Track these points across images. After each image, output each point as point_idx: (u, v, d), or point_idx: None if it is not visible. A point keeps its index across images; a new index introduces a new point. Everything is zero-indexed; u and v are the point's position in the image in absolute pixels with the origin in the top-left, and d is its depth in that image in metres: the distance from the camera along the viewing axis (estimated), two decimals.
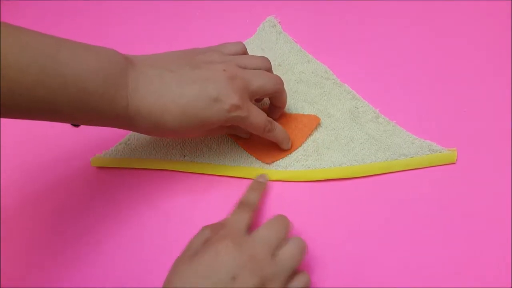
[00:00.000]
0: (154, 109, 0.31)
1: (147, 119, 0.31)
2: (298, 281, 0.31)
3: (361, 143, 0.39)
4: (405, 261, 0.35)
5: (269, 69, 0.37)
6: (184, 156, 0.41)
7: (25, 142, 0.43)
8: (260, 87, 0.34)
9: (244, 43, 0.44)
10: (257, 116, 0.34)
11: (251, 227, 0.33)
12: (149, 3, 0.49)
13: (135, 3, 0.49)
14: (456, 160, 0.38)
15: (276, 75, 0.36)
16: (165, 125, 0.31)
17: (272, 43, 0.44)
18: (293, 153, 0.40)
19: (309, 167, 0.39)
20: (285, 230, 0.32)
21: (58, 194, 0.41)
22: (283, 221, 0.33)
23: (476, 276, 0.34)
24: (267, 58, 0.37)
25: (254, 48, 0.44)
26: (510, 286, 0.34)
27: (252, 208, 0.34)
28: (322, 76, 0.42)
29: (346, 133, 0.40)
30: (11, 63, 0.25)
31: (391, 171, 0.38)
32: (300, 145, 0.40)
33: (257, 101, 0.40)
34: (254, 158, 0.40)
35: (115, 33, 0.48)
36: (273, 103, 0.38)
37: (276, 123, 0.37)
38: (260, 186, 0.37)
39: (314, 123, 0.40)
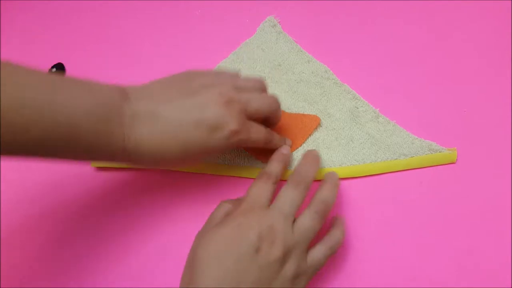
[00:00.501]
0: (152, 146, 0.30)
1: (147, 155, 0.30)
2: (320, 247, 0.32)
3: (361, 143, 0.39)
4: (405, 261, 0.35)
5: (264, 90, 0.36)
6: None
7: None
8: (257, 110, 0.34)
9: (244, 43, 0.45)
10: (257, 133, 0.34)
11: (272, 199, 0.32)
12: (149, 3, 0.49)
13: (135, 3, 0.49)
14: (456, 160, 0.38)
15: (271, 96, 0.36)
16: (165, 160, 0.31)
17: (272, 43, 0.44)
18: (293, 153, 0.40)
19: None
20: (303, 192, 0.32)
21: (58, 195, 0.41)
22: (304, 181, 0.32)
23: (476, 276, 0.34)
24: (262, 79, 0.36)
25: (254, 48, 0.44)
26: (510, 286, 0.34)
27: (274, 180, 0.33)
28: (322, 76, 0.42)
29: (346, 133, 0.40)
30: (6, 104, 0.25)
31: (391, 171, 0.38)
32: (300, 145, 0.40)
33: None
34: (254, 158, 0.40)
35: (115, 33, 0.48)
36: (267, 120, 0.37)
37: (273, 133, 0.37)
38: (284, 158, 0.36)
39: (314, 123, 0.40)
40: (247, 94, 0.34)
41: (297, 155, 0.40)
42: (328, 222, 0.35)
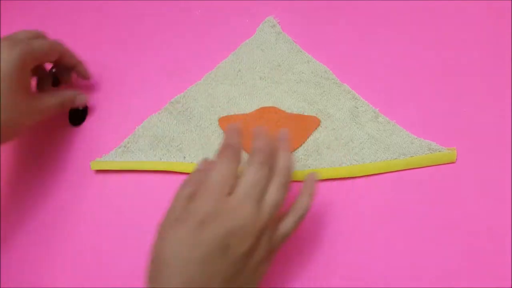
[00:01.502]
0: None
1: None
2: (290, 218, 0.31)
3: (361, 142, 0.39)
4: (405, 261, 0.35)
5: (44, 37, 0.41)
6: (184, 157, 0.41)
7: (25, 146, 0.43)
8: (40, 47, 0.38)
9: (243, 43, 0.45)
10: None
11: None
12: (149, 3, 0.49)
13: (135, 3, 0.49)
14: (456, 159, 0.38)
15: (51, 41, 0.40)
16: None
17: (271, 43, 0.44)
18: (293, 153, 0.40)
19: (309, 167, 0.39)
20: (264, 170, 0.30)
21: (58, 198, 0.41)
22: (258, 161, 0.30)
23: (476, 276, 0.34)
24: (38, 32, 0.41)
25: (253, 48, 0.44)
26: (510, 286, 0.34)
27: (239, 157, 0.31)
28: (322, 76, 0.42)
29: (346, 132, 0.40)
30: None
31: (391, 170, 0.38)
32: (300, 145, 0.40)
33: None
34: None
35: (115, 33, 0.48)
36: (61, 62, 0.42)
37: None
38: (239, 131, 0.33)
39: (314, 124, 0.40)
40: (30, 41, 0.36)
41: (297, 155, 0.40)
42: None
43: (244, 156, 0.40)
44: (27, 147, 0.43)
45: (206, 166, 0.32)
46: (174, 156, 0.41)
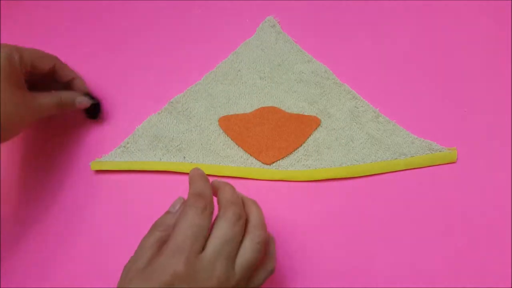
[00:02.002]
0: None
1: None
2: (260, 274, 0.30)
3: (361, 142, 0.39)
4: (405, 260, 0.35)
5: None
6: (184, 157, 0.41)
7: (25, 147, 0.43)
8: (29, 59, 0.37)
9: (243, 43, 0.45)
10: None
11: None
12: (149, 3, 0.49)
13: (135, 3, 0.49)
14: (456, 159, 0.38)
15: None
16: None
17: (271, 43, 0.44)
18: (294, 153, 0.40)
19: (309, 167, 0.39)
20: (238, 227, 0.28)
21: (58, 198, 0.41)
22: (232, 217, 0.28)
23: (476, 276, 0.34)
24: None
25: (253, 48, 0.44)
26: (510, 286, 0.34)
27: (211, 211, 0.28)
28: (322, 76, 0.42)
29: (346, 132, 0.40)
30: None
31: (391, 170, 0.39)
32: (301, 145, 0.40)
33: None
34: (254, 159, 0.40)
35: (115, 33, 0.48)
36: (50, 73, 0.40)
37: (60, 93, 0.39)
38: (206, 177, 0.31)
39: (314, 123, 0.40)
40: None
41: (298, 155, 0.40)
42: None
43: (242, 156, 0.40)
44: (27, 147, 0.43)
45: (176, 210, 0.31)
46: (174, 156, 0.41)
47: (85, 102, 0.41)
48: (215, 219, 0.28)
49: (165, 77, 0.44)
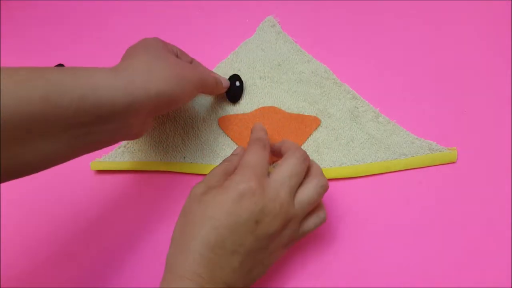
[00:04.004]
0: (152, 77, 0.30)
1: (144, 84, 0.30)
2: (313, 219, 0.32)
3: (361, 142, 0.39)
4: (405, 260, 0.35)
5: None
6: (184, 157, 0.41)
7: None
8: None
9: (243, 43, 0.45)
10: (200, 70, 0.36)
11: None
12: (149, 3, 0.49)
13: (135, 3, 0.49)
14: (456, 159, 0.38)
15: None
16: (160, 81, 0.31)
17: (271, 43, 0.44)
18: None
19: None
20: (303, 166, 0.32)
21: (58, 199, 0.41)
22: (301, 156, 0.32)
23: (476, 276, 0.34)
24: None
25: (253, 48, 0.44)
26: (510, 286, 0.34)
27: (267, 146, 0.33)
28: (322, 76, 0.42)
29: (346, 133, 0.40)
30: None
31: (391, 170, 0.39)
32: (300, 145, 0.40)
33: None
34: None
35: (115, 33, 0.48)
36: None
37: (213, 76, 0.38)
38: (264, 127, 0.37)
39: (314, 123, 0.40)
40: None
41: None
42: None
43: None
44: None
45: (239, 152, 0.36)
46: (174, 156, 0.41)
47: (226, 84, 0.41)
48: (283, 158, 0.32)
49: None
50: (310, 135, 0.40)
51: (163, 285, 0.28)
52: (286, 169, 0.31)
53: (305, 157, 0.32)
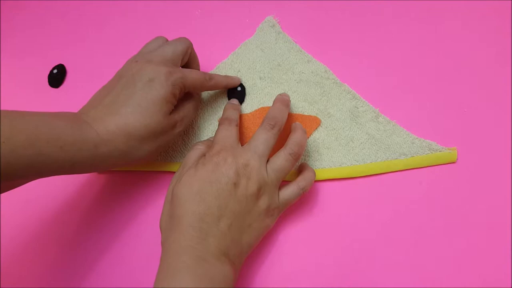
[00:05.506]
0: (121, 123, 0.33)
1: (119, 133, 0.32)
2: (291, 188, 0.35)
3: (361, 143, 0.39)
4: (405, 261, 0.35)
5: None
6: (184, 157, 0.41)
7: None
8: (173, 51, 0.37)
9: (243, 43, 0.45)
10: (192, 72, 0.37)
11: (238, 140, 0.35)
12: (149, 3, 0.49)
13: (135, 3, 0.49)
14: (456, 159, 0.38)
15: (181, 38, 0.39)
16: (136, 127, 0.33)
17: (271, 43, 0.44)
18: None
19: None
20: (270, 134, 0.34)
21: (59, 198, 0.41)
22: (267, 125, 0.35)
23: (476, 276, 0.34)
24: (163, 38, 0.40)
25: (253, 48, 0.44)
26: (510, 286, 0.34)
27: (235, 123, 0.36)
28: (322, 76, 0.42)
29: (346, 133, 0.40)
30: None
31: (391, 170, 0.38)
32: None
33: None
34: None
35: (115, 33, 0.48)
36: (190, 62, 0.40)
37: (213, 74, 0.39)
38: (236, 106, 0.39)
39: (314, 123, 0.40)
40: (159, 49, 0.37)
41: None
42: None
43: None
44: None
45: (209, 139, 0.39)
46: (174, 156, 0.41)
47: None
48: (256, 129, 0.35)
49: None
50: (310, 135, 0.40)
51: (162, 265, 0.29)
52: (254, 138, 0.34)
53: (272, 125, 0.34)
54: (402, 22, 0.44)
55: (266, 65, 0.43)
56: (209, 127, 0.41)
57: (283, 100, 0.37)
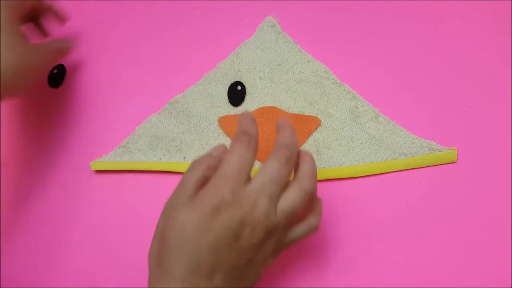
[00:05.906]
0: None
1: None
2: (302, 227, 0.30)
3: (361, 143, 0.39)
4: (405, 261, 0.35)
5: None
6: (184, 157, 0.41)
7: (25, 147, 0.43)
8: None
9: (243, 43, 0.45)
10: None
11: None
12: (149, 3, 0.49)
13: (135, 3, 0.49)
14: (457, 159, 0.38)
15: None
16: None
17: (271, 43, 0.44)
18: None
19: None
20: (286, 170, 0.28)
21: (58, 198, 0.41)
22: (283, 158, 0.28)
23: (476, 276, 0.34)
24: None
25: (253, 48, 0.44)
26: (510, 286, 0.34)
27: (255, 146, 0.29)
28: (322, 76, 0.42)
29: (346, 133, 0.40)
30: None
31: (391, 170, 0.38)
32: (301, 145, 0.40)
33: None
34: None
35: (115, 33, 0.48)
36: None
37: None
38: (254, 117, 0.31)
39: (314, 124, 0.40)
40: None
41: None
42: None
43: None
44: (27, 147, 0.43)
45: (219, 153, 0.31)
46: (173, 157, 0.41)
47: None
48: (265, 160, 0.29)
49: (165, 77, 0.44)
50: (310, 135, 0.40)
51: None
52: (265, 173, 0.28)
53: (288, 158, 0.28)
54: (402, 22, 0.44)
55: (266, 65, 0.43)
56: (209, 128, 0.41)
57: (288, 126, 0.31)
